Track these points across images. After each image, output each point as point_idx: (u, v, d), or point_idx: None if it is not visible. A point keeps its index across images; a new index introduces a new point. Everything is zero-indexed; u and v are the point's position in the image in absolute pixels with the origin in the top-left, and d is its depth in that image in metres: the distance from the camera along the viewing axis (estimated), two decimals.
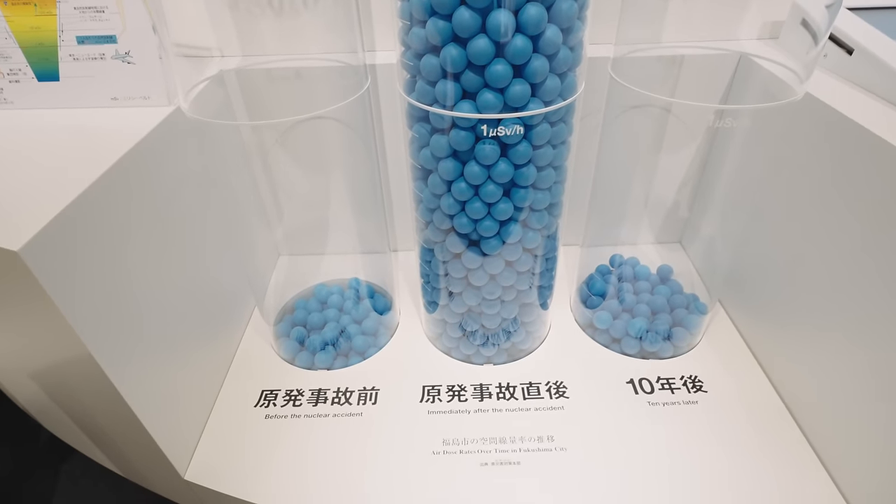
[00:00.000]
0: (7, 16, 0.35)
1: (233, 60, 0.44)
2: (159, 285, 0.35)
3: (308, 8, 0.42)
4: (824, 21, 0.34)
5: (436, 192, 0.35)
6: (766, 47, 0.44)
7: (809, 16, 0.39)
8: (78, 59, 0.36)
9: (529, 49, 0.28)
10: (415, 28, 0.29)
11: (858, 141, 0.32)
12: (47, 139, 0.34)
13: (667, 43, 0.44)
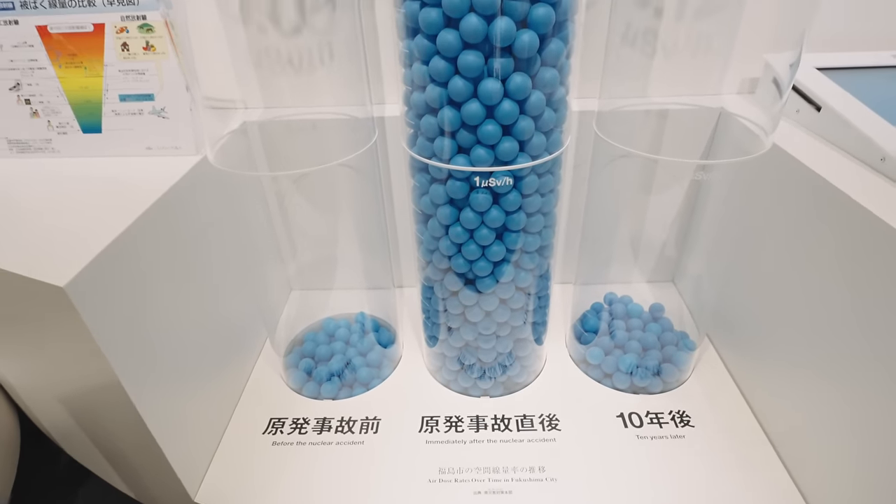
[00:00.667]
0: (60, 77, 0.40)
1: (255, 112, 0.49)
2: (180, 317, 0.38)
3: (324, 65, 0.46)
4: (787, 78, 0.38)
5: (435, 234, 0.38)
6: (743, 102, 0.48)
7: (777, 73, 0.43)
8: (119, 114, 0.41)
9: (516, 112, 0.32)
10: (416, 92, 0.33)
11: (821, 192, 0.35)
12: (89, 185, 0.38)
13: (650, 98, 0.47)
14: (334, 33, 0.44)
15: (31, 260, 0.30)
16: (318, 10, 0.44)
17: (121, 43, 0.39)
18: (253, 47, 0.45)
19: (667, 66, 0.46)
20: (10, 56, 0.40)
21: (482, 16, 0.28)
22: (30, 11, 0.39)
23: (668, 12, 0.44)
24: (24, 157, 0.43)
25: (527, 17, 0.29)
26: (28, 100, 0.41)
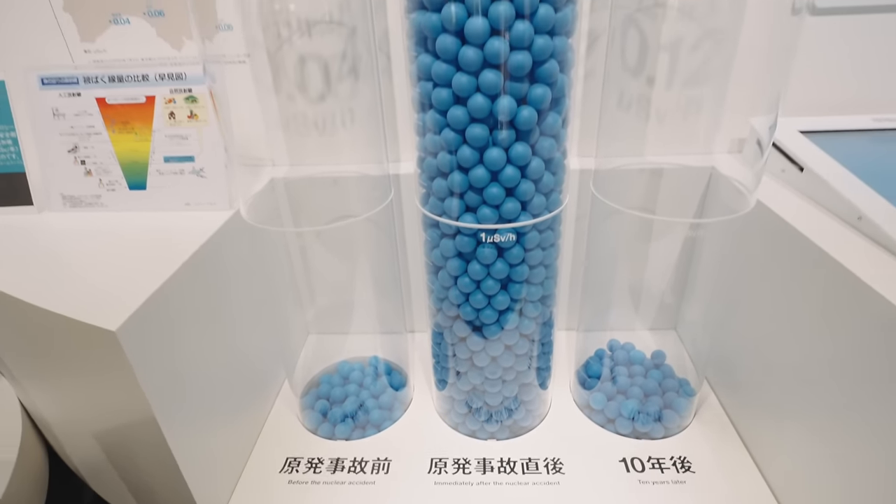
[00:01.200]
0: (113, 141, 0.45)
1: (282, 169, 0.54)
2: (208, 358, 0.41)
3: (346, 127, 0.51)
4: (767, 140, 0.42)
5: (445, 284, 0.41)
6: (733, 161, 0.52)
7: (759, 135, 0.46)
8: (163, 174, 0.46)
9: (518, 176, 0.35)
10: (428, 158, 0.37)
11: (803, 248, 0.38)
12: (134, 237, 0.42)
13: (645, 158, 0.51)
14: (356, 100, 0.49)
15: (84, 306, 0.33)
16: (342, 80, 0.49)
17: (168, 112, 0.45)
18: (283, 112, 0.50)
19: (660, 129, 0.50)
20: (71, 123, 0.45)
21: (487, 95, 0.33)
22: (91, 85, 0.45)
23: (659, 81, 0.48)
24: (76, 211, 0.47)
25: (526, 95, 0.33)
26: (83, 161, 0.46)
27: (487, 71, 0.32)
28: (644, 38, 0.46)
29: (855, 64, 0.53)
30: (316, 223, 0.51)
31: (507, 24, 0.30)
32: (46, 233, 0.45)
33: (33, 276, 0.38)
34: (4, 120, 0.45)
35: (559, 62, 0.33)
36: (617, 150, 0.50)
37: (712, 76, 0.47)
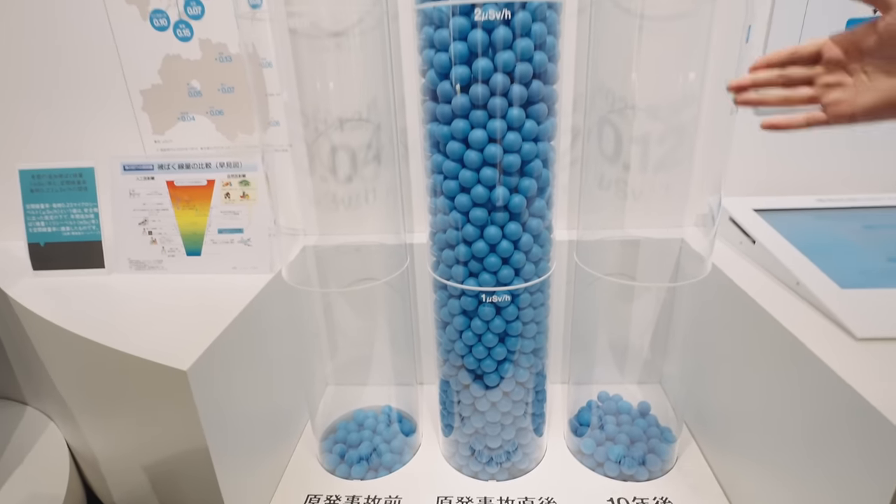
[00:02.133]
0: (177, 216, 0.55)
1: (312, 238, 0.63)
2: (248, 399, 0.48)
3: (368, 204, 0.60)
4: (716, 215, 0.50)
5: (451, 338, 0.49)
6: (698, 233, 0.60)
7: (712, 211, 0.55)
8: (216, 243, 0.54)
9: (511, 249, 0.44)
10: (438, 233, 0.46)
11: (752, 309, 0.45)
12: (191, 295, 0.51)
13: (624, 230, 0.60)
14: (378, 181, 0.59)
15: (156, 350, 0.41)
16: (367, 165, 0.59)
17: (224, 192, 0.54)
18: (316, 191, 0.60)
19: (636, 206, 0.59)
20: (144, 201, 0.55)
21: (486, 186, 0.42)
22: (164, 171, 0.54)
23: (633, 166, 0.57)
24: (140, 273, 0.56)
25: (517, 186, 0.42)
26: (150, 231, 0.55)
27: (486, 168, 0.41)
28: (618, 133, 0.56)
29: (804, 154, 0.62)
30: (341, 285, 0.60)
31: (501, 134, 0.40)
32: (116, 290, 0.53)
33: (107, 325, 0.46)
34: (90, 198, 0.55)
35: (542, 161, 0.42)
36: (600, 224, 0.58)
37: (677, 163, 0.56)
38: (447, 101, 0.40)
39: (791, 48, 0.36)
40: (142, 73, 0.58)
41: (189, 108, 0.60)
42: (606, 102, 0.54)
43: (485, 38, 0.37)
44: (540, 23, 0.38)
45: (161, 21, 0.56)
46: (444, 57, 0.38)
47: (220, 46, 0.57)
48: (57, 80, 0.59)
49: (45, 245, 0.55)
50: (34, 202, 0.54)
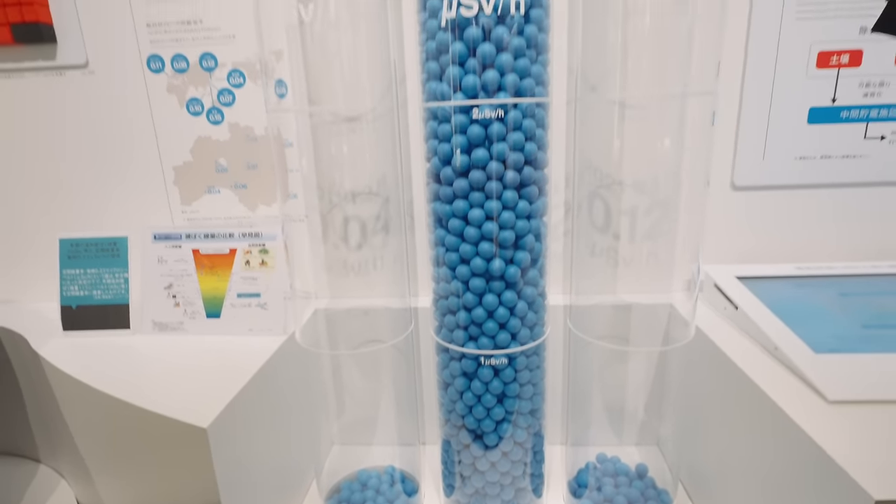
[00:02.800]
0: (200, 281, 0.59)
1: (324, 302, 0.67)
2: (260, 459, 0.51)
3: (377, 270, 0.65)
4: (697, 282, 0.54)
5: (452, 398, 0.52)
6: (686, 299, 0.64)
7: (694, 278, 0.59)
8: (234, 306, 0.59)
9: (508, 314, 0.48)
10: (441, 300, 0.50)
11: (734, 373, 0.48)
12: (211, 356, 0.54)
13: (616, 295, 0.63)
14: (386, 249, 0.64)
15: (177, 407, 0.44)
16: (376, 234, 0.63)
17: (245, 260, 0.59)
18: (328, 257, 0.64)
19: (627, 272, 0.63)
20: (171, 267, 0.60)
21: (484, 259, 0.46)
22: (190, 240, 0.60)
23: (623, 236, 0.62)
24: (162, 335, 0.60)
25: (512, 258, 0.47)
26: (174, 295, 0.60)
27: (484, 242, 0.45)
28: (608, 205, 0.61)
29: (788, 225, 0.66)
30: (349, 346, 0.63)
31: (497, 213, 0.45)
32: (139, 350, 0.57)
33: (130, 383, 0.49)
34: (122, 264, 0.59)
35: (535, 235, 0.47)
36: (593, 290, 0.62)
37: (663, 233, 0.61)
38: (449, 183, 0.45)
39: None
40: (175, 152, 0.65)
41: (216, 182, 0.66)
42: (595, 178, 0.59)
43: (481, 132, 0.43)
44: (530, 118, 0.43)
45: (196, 108, 0.63)
46: (447, 147, 0.44)
47: (247, 129, 0.64)
48: (99, 157, 0.65)
49: (76, 307, 0.59)
50: (70, 268, 0.59)
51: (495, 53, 0.41)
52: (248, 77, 0.62)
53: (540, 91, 0.44)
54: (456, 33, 0.41)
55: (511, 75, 0.41)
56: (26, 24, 0.58)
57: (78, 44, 0.61)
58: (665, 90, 0.54)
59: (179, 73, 0.62)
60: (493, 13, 0.40)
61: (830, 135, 0.63)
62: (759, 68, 0.61)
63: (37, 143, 0.65)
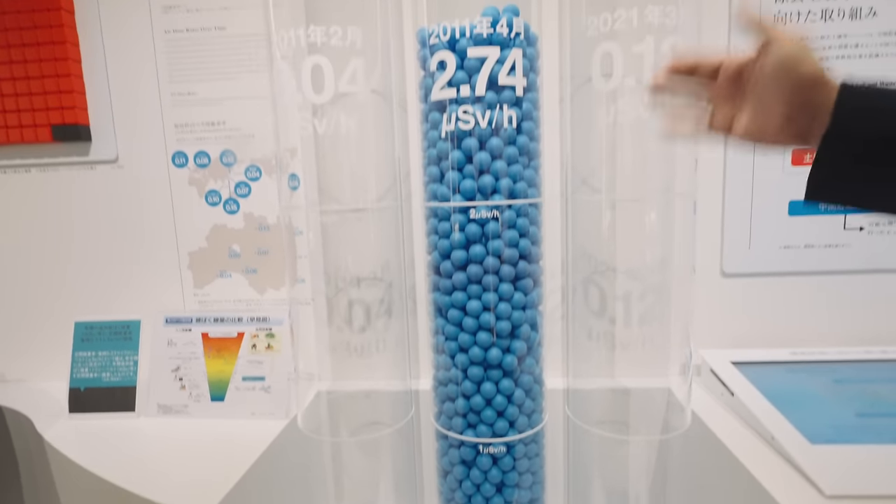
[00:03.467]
0: (207, 364, 0.61)
1: (326, 383, 0.68)
2: None
3: (379, 352, 0.66)
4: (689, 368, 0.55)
5: (451, 487, 0.52)
6: (681, 383, 0.64)
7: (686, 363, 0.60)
8: (239, 389, 0.60)
9: (506, 402, 0.49)
10: (440, 387, 0.51)
11: (731, 461, 0.49)
12: (213, 440, 0.55)
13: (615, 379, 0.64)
14: (388, 332, 0.66)
15: (178, 495, 0.44)
16: (379, 317, 0.66)
17: (251, 344, 0.61)
18: (332, 340, 0.66)
19: (624, 356, 0.64)
20: (179, 350, 0.62)
21: (482, 347, 0.48)
22: (200, 324, 0.62)
23: (619, 321, 0.64)
24: (166, 417, 0.60)
25: (509, 347, 0.49)
26: (181, 378, 0.61)
27: (482, 332, 0.47)
28: (602, 291, 0.63)
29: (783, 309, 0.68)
30: (350, 429, 0.63)
31: (494, 304, 0.47)
32: (142, 434, 0.57)
33: (131, 469, 0.49)
34: (132, 347, 0.61)
35: (530, 324, 0.49)
36: (591, 373, 0.63)
37: (657, 318, 0.63)
38: (448, 276, 0.48)
39: (695, 57, 0.41)
40: (192, 239, 0.68)
41: (228, 266, 0.69)
42: (589, 265, 0.62)
43: (478, 230, 0.46)
44: (523, 217, 0.47)
45: (214, 199, 0.67)
46: (446, 243, 0.47)
47: (260, 218, 0.68)
48: (120, 243, 0.69)
49: (84, 389, 0.61)
50: (83, 350, 0.61)
51: (490, 161, 0.45)
52: (263, 171, 0.67)
53: (532, 192, 0.48)
54: (455, 143, 0.45)
55: (505, 180, 0.45)
56: (66, 126, 0.64)
57: (110, 141, 0.67)
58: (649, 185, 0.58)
59: (201, 168, 0.67)
60: (488, 126, 0.45)
61: (812, 225, 0.66)
62: (739, 166, 0.65)
63: (61, 230, 0.69)
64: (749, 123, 0.37)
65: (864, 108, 0.34)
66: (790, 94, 0.35)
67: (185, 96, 0.66)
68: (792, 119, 0.36)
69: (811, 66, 0.35)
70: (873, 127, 0.34)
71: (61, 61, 0.63)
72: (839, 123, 0.34)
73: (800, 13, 0.62)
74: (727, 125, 0.39)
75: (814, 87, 0.35)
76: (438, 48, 0.44)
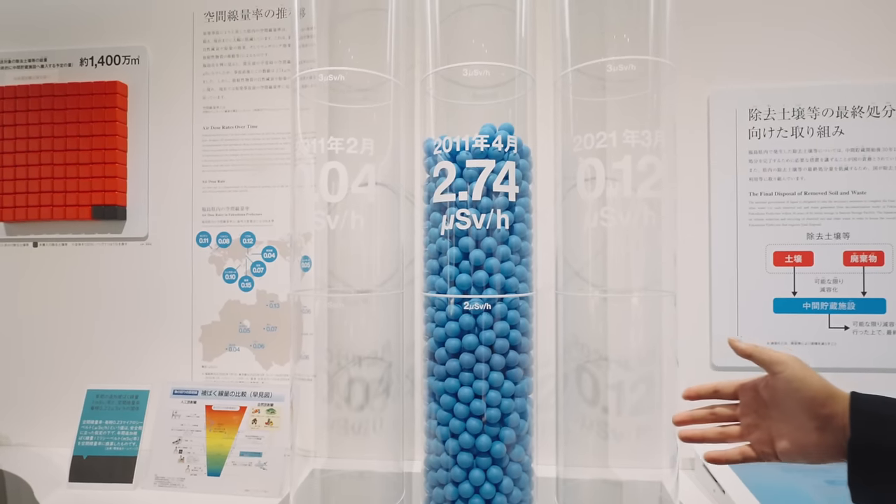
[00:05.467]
0: (208, 437, 0.63)
1: (321, 461, 0.69)
2: None
3: (375, 431, 0.68)
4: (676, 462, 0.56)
5: None
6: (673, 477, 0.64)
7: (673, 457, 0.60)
8: (236, 465, 0.61)
9: (494, 490, 0.50)
10: (430, 472, 0.53)
11: None
12: None
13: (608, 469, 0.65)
14: (385, 411, 0.67)
15: None
16: (378, 396, 0.68)
17: (252, 419, 0.63)
18: (330, 417, 0.68)
19: (618, 446, 0.65)
20: (182, 422, 0.64)
21: (472, 434, 0.50)
22: (206, 397, 0.64)
23: (612, 409, 0.65)
24: (162, 490, 0.61)
25: (498, 434, 0.50)
26: (181, 450, 0.63)
27: (472, 419, 0.50)
28: (595, 380, 0.65)
29: None
30: None
31: (485, 392, 0.50)
32: None
33: None
34: (138, 417, 0.64)
35: (520, 413, 0.51)
36: (584, 463, 0.64)
37: (649, 408, 0.64)
38: (442, 363, 0.51)
39: (712, 385, 0.44)
40: (206, 313, 0.73)
41: (237, 341, 0.72)
42: (582, 354, 0.65)
43: (472, 320, 0.50)
44: (514, 310, 0.51)
45: (231, 276, 0.72)
46: (442, 331, 0.51)
47: (272, 296, 0.72)
48: (139, 314, 0.74)
49: (86, 458, 0.63)
50: (91, 418, 0.64)
51: (484, 258, 0.50)
52: (279, 253, 0.72)
53: (523, 287, 0.52)
54: (453, 240, 0.50)
55: (497, 275, 0.50)
56: (105, 206, 0.71)
57: (143, 221, 0.73)
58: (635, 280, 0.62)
59: (222, 248, 0.72)
60: (483, 227, 0.50)
61: (797, 323, 0.69)
62: (723, 264, 0.69)
63: (87, 301, 0.74)
64: (788, 445, 0.39)
65: (877, 417, 0.36)
66: (809, 408, 0.38)
67: (214, 184, 0.73)
68: (823, 430, 0.38)
69: (817, 380, 0.39)
70: (889, 435, 0.35)
71: (109, 151, 0.71)
72: (858, 432, 0.36)
73: (772, 130, 0.69)
74: (770, 449, 0.40)
75: (827, 399, 0.38)
76: (441, 158, 0.50)
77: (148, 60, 0.74)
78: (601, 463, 0.65)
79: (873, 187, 0.67)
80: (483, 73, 0.51)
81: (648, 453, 0.67)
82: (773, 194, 0.69)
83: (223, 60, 0.73)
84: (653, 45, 0.51)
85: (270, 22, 0.73)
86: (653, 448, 0.67)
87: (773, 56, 0.69)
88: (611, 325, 0.63)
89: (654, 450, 0.67)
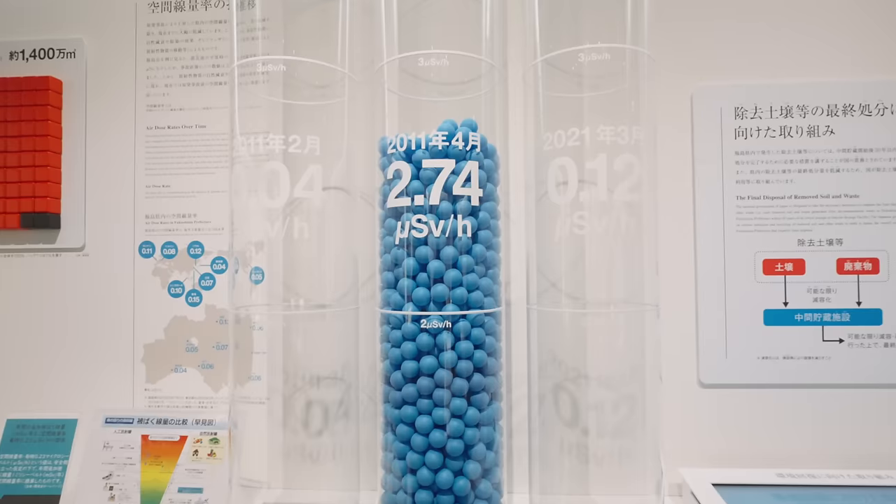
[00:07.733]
0: (143, 471, 0.56)
1: (275, 493, 0.62)
2: None
3: (334, 458, 0.62)
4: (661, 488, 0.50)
5: None
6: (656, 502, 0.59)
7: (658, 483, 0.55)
8: (173, 502, 0.55)
9: None
10: None
11: None
12: None
13: (588, 496, 0.59)
14: (346, 436, 0.61)
15: None
16: (338, 419, 0.62)
17: (193, 450, 0.56)
18: (286, 443, 0.62)
19: (599, 471, 0.60)
20: (115, 454, 0.57)
21: (431, 469, 0.44)
22: (141, 425, 0.58)
23: (592, 431, 0.60)
24: None
25: (461, 469, 0.45)
26: (111, 487, 0.56)
27: (431, 452, 0.44)
28: (574, 399, 0.60)
29: (763, 427, 0.64)
30: None
31: (446, 421, 0.44)
32: None
33: None
34: (64, 450, 0.57)
35: (486, 444, 0.46)
36: (563, 490, 0.58)
37: (632, 430, 0.59)
38: (398, 388, 0.45)
39: None
40: (150, 330, 0.66)
41: (183, 361, 0.66)
42: (559, 371, 0.59)
43: (430, 340, 0.44)
44: (479, 328, 0.45)
45: (177, 290, 0.66)
46: (397, 352, 0.45)
47: (222, 311, 0.66)
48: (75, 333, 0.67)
49: (2, 497, 0.55)
50: (9, 452, 0.57)
51: (444, 270, 0.44)
52: (230, 264, 0.66)
53: (489, 302, 0.46)
54: (409, 250, 0.45)
55: (459, 289, 0.44)
56: (35, 214, 0.64)
57: (79, 230, 0.67)
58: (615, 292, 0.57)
59: (167, 259, 0.66)
60: (442, 234, 0.44)
61: (789, 336, 0.64)
62: (709, 273, 0.64)
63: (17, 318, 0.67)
64: None
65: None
66: None
67: (159, 188, 0.67)
68: None
69: None
70: None
71: (41, 153, 0.64)
72: None
73: (759, 129, 0.65)
74: None
75: None
76: (395, 158, 0.45)
77: (85, 54, 0.67)
78: (581, 490, 0.60)
79: (866, 190, 0.63)
80: (442, 63, 0.45)
81: (631, 478, 0.62)
82: (761, 198, 0.64)
83: (169, 55, 0.67)
84: (630, 34, 0.46)
85: (220, 13, 0.67)
86: (636, 473, 0.62)
87: (760, 52, 0.65)
88: (590, 340, 0.58)
89: (637, 474, 0.62)
